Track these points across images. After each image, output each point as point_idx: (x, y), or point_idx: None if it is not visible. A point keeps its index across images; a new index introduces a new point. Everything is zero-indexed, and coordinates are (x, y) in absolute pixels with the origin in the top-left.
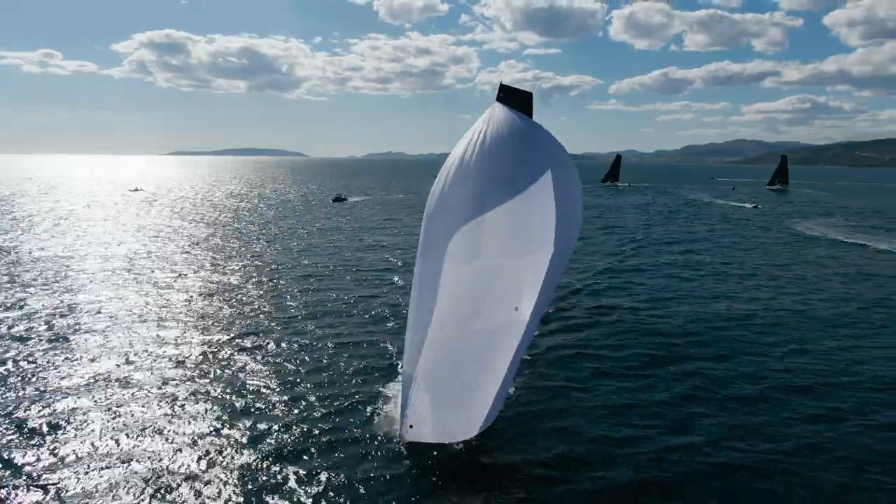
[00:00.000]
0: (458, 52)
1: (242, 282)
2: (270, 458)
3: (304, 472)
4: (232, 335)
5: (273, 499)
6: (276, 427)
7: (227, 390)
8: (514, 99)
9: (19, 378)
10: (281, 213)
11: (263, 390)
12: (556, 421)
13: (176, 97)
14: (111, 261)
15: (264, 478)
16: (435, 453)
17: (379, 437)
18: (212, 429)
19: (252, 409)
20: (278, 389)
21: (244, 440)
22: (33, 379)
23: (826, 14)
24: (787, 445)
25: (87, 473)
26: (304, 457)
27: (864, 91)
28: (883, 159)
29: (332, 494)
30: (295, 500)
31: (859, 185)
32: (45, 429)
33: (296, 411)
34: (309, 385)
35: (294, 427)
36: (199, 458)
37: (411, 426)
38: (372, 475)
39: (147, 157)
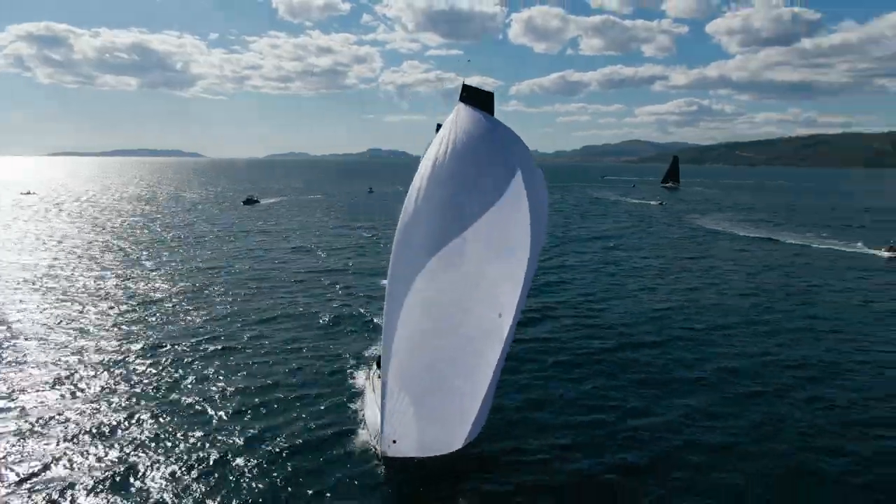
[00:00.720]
0: (360, 52)
1: (171, 289)
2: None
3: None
4: (169, 346)
5: None
6: (227, 451)
7: (166, 405)
8: (477, 99)
9: None
10: (193, 216)
11: (211, 407)
12: (532, 413)
13: (59, 94)
14: (25, 271)
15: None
16: (416, 467)
17: (353, 454)
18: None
19: (200, 429)
20: (225, 403)
21: (192, 465)
22: None
23: (709, 22)
24: (732, 422)
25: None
26: (274, 479)
27: (742, 95)
28: (760, 158)
29: None
30: None
31: (742, 183)
32: None
33: (251, 428)
34: (263, 397)
35: (254, 447)
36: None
37: (394, 441)
38: (350, 494)
39: (34, 158)
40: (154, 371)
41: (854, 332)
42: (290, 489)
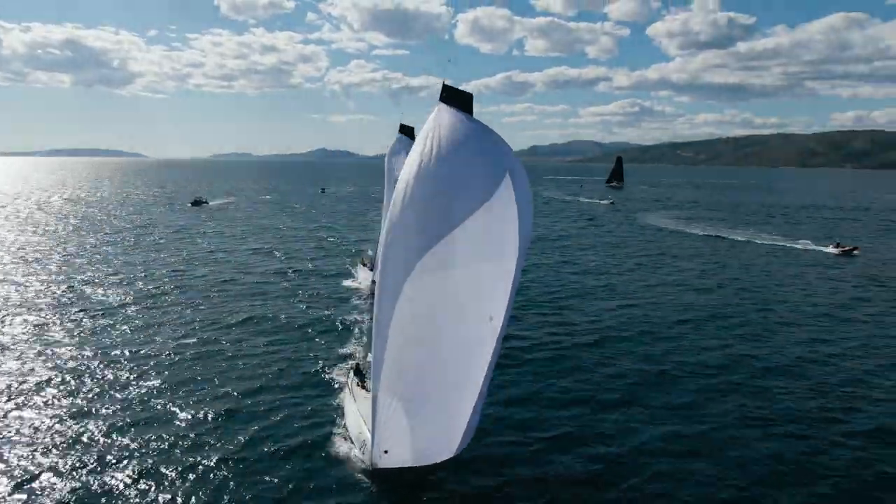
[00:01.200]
0: (306, 51)
1: (131, 296)
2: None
3: None
4: (132, 355)
5: None
6: (204, 461)
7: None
8: (457, 99)
9: None
10: (145, 218)
11: (182, 417)
12: (520, 411)
13: None
14: None
15: None
16: (400, 473)
17: (335, 465)
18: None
19: (171, 440)
20: (197, 413)
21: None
22: None
23: (649, 25)
24: (699, 412)
25: None
26: (253, 492)
27: (682, 96)
28: (699, 158)
29: None
30: None
31: (685, 182)
32: None
33: (227, 439)
34: (237, 406)
35: (231, 458)
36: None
37: (385, 451)
38: None
39: None
40: (116, 380)
41: (813, 323)
42: (271, 502)
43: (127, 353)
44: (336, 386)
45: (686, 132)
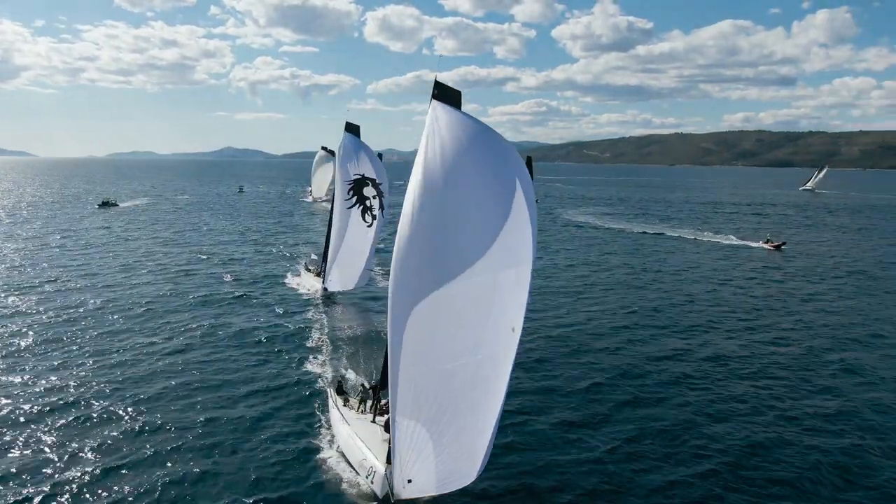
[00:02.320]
0: (209, 46)
1: (60, 311)
2: None
3: None
4: (70, 375)
5: None
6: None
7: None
8: (448, 97)
9: None
10: (49, 225)
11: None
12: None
13: None
14: None
15: None
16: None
17: (347, 497)
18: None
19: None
20: (163, 443)
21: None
22: None
23: (554, 27)
24: (659, 409)
25: None
26: None
27: (587, 97)
28: (604, 157)
29: None
30: None
31: (591, 179)
32: None
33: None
34: (206, 435)
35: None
36: None
37: (409, 481)
38: None
39: None
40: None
41: (759, 316)
42: None
43: (55, 376)
44: (314, 405)
45: (590, 131)
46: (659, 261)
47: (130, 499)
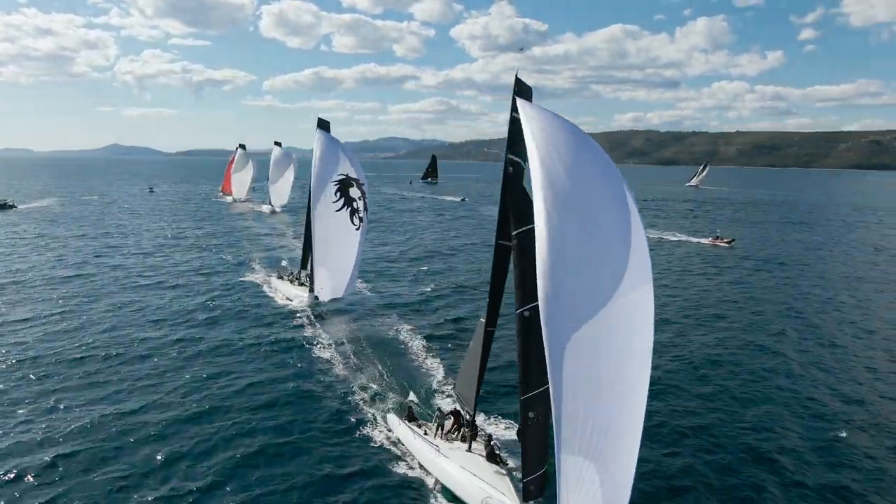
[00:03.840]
0: (90, 37)
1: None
2: None
3: None
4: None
5: None
6: None
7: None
8: (526, 93)
9: None
10: None
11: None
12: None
13: None
14: None
15: None
16: None
17: None
18: None
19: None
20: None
21: None
22: None
23: (453, 27)
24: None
25: None
26: None
27: (485, 96)
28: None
29: None
30: None
31: (496, 177)
32: None
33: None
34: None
35: None
36: None
37: None
38: None
39: None
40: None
41: (723, 310)
42: None
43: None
44: (365, 428)
45: (490, 130)
46: None
47: None
